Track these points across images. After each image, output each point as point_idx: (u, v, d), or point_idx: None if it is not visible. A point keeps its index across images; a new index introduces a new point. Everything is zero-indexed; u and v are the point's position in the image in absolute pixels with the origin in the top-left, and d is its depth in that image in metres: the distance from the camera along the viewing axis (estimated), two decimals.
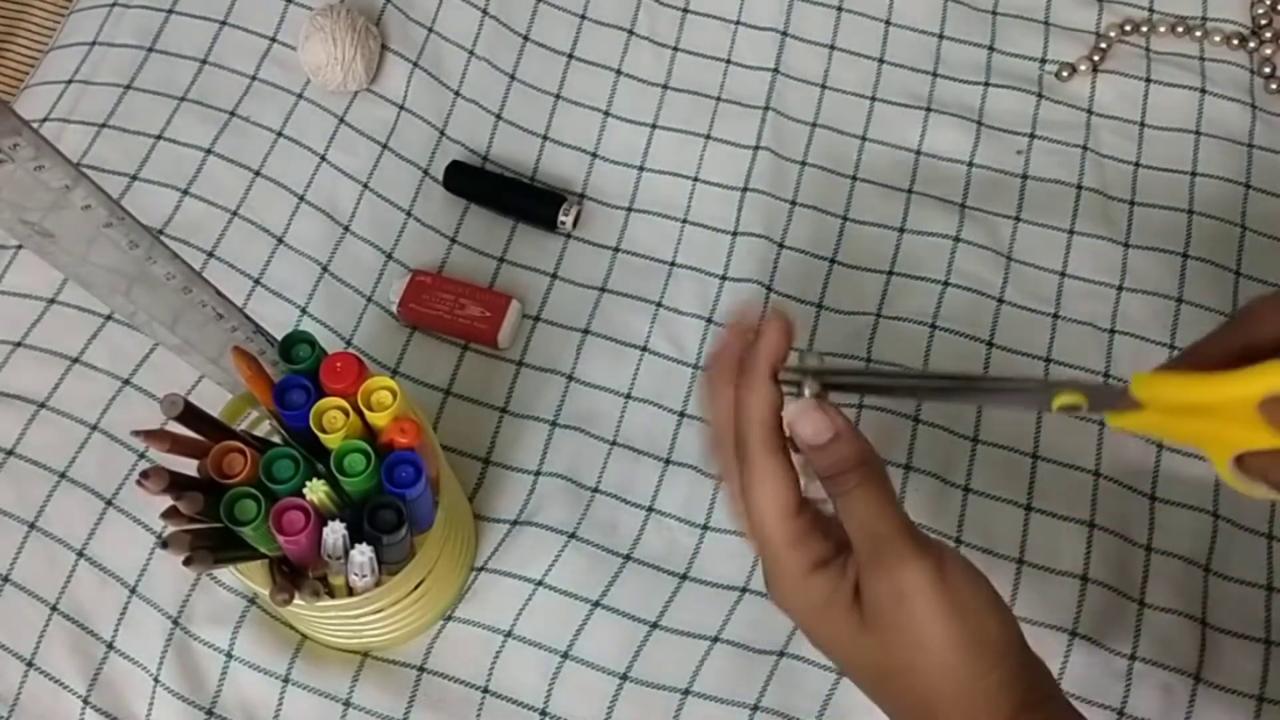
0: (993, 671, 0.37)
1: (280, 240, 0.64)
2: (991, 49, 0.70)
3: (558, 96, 0.69)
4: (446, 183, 0.66)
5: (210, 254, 0.63)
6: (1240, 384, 0.35)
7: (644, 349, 0.62)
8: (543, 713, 0.54)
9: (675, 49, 0.70)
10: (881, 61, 0.70)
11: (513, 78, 0.69)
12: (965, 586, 0.38)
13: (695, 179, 0.67)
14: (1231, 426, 0.36)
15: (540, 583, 0.56)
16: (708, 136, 0.68)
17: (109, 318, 0.61)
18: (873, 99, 0.69)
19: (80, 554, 0.56)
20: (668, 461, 0.60)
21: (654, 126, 0.68)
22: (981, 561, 0.41)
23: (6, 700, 0.54)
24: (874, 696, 0.41)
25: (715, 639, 0.55)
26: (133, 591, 0.55)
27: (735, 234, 0.65)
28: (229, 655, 0.54)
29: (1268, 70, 0.68)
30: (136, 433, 0.43)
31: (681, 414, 0.61)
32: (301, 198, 0.65)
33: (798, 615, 0.41)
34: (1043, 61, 0.70)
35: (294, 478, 0.44)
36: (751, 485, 0.40)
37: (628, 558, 0.57)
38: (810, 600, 0.40)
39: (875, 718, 0.53)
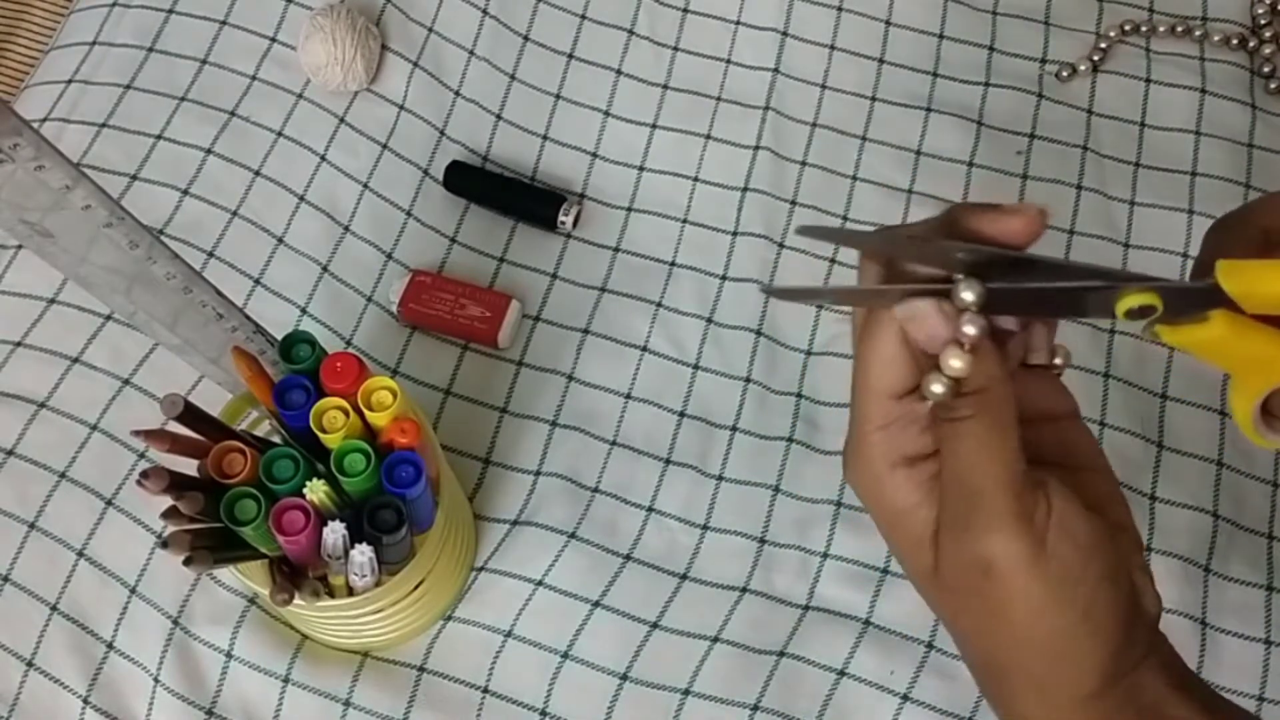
0: (1085, 646, 0.33)
1: (280, 240, 0.64)
2: (991, 49, 0.70)
3: (558, 96, 0.69)
4: (446, 183, 0.66)
5: (210, 254, 0.63)
6: None
7: (644, 349, 0.62)
8: (543, 713, 0.54)
9: (675, 49, 0.70)
10: (881, 61, 0.70)
11: (513, 78, 0.70)
12: (1074, 564, 0.32)
13: (695, 179, 0.67)
14: None
15: (540, 583, 0.56)
16: (708, 136, 0.68)
17: (109, 318, 0.61)
18: (873, 99, 0.69)
19: (80, 554, 0.56)
20: (668, 461, 0.60)
21: (654, 126, 0.68)
22: None
23: (6, 700, 0.54)
24: (943, 626, 0.36)
25: (715, 639, 0.55)
26: (133, 591, 0.55)
27: (735, 234, 0.65)
28: (229, 655, 0.54)
29: (1268, 70, 0.68)
30: (136, 433, 0.43)
31: (681, 414, 0.61)
32: (301, 198, 0.65)
33: (866, 505, 0.35)
34: (1043, 61, 0.70)
35: (294, 478, 0.44)
36: (862, 337, 0.34)
37: (628, 558, 0.57)
38: (882, 500, 0.34)
39: (876, 719, 0.53)
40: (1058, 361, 0.37)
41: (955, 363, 0.33)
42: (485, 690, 0.54)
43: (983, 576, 0.32)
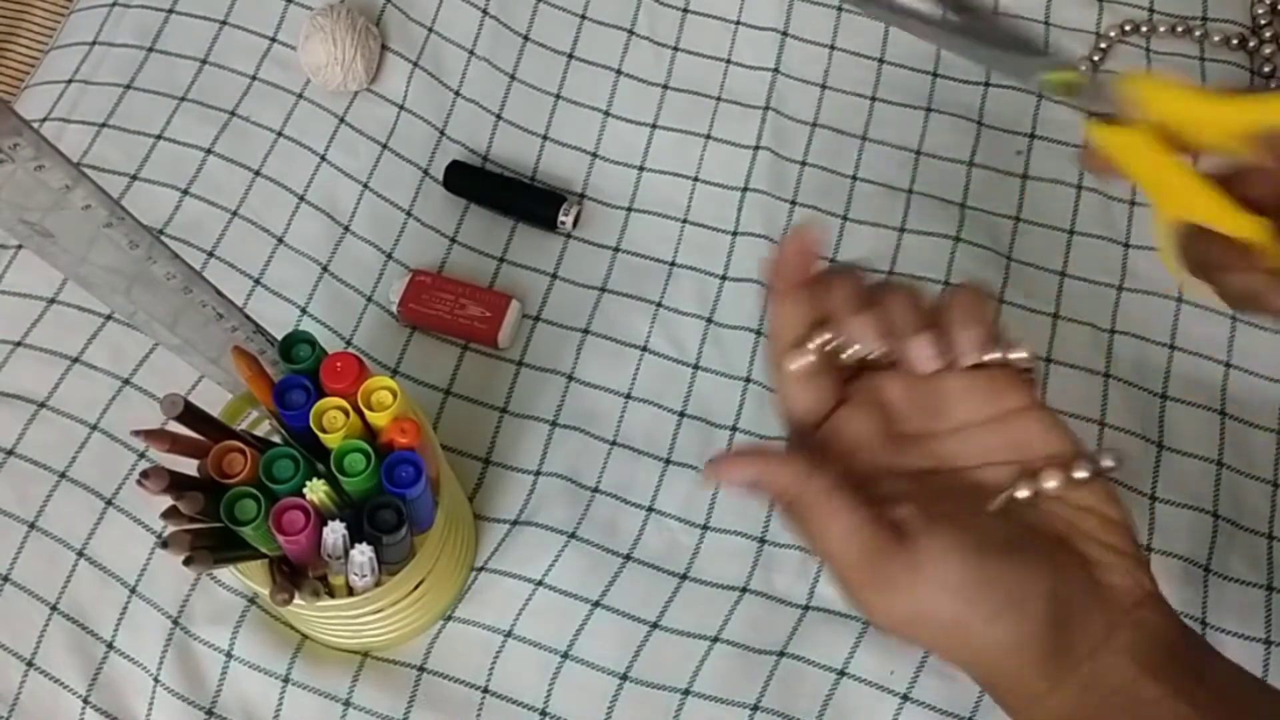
0: (1011, 667, 0.35)
1: (280, 240, 0.64)
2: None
3: (558, 96, 0.69)
4: (446, 183, 0.66)
5: (210, 254, 0.63)
6: (1247, 109, 0.35)
7: (644, 349, 0.62)
8: (543, 713, 0.54)
9: (675, 49, 0.70)
10: (881, 61, 0.70)
11: (513, 78, 0.70)
12: (952, 606, 0.35)
13: (695, 179, 0.67)
14: (1196, 186, 0.36)
15: (540, 583, 0.56)
16: (708, 136, 0.68)
17: (109, 318, 0.61)
18: (873, 99, 0.69)
19: (80, 554, 0.56)
20: (668, 461, 0.60)
21: (654, 126, 0.68)
22: None
23: (6, 700, 0.54)
24: None
25: (715, 639, 0.55)
26: (133, 591, 0.55)
27: (735, 234, 0.65)
28: (229, 655, 0.54)
29: (1268, 70, 0.68)
30: (136, 433, 0.43)
31: (681, 414, 0.61)
32: (301, 198, 0.65)
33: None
34: None
35: (294, 478, 0.44)
36: (780, 390, 0.38)
37: (628, 558, 0.57)
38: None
39: (876, 719, 0.53)
40: (1010, 357, 0.38)
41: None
42: (485, 690, 0.55)
43: (908, 626, 0.36)
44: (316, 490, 0.44)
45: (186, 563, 0.42)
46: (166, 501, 0.43)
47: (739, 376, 0.61)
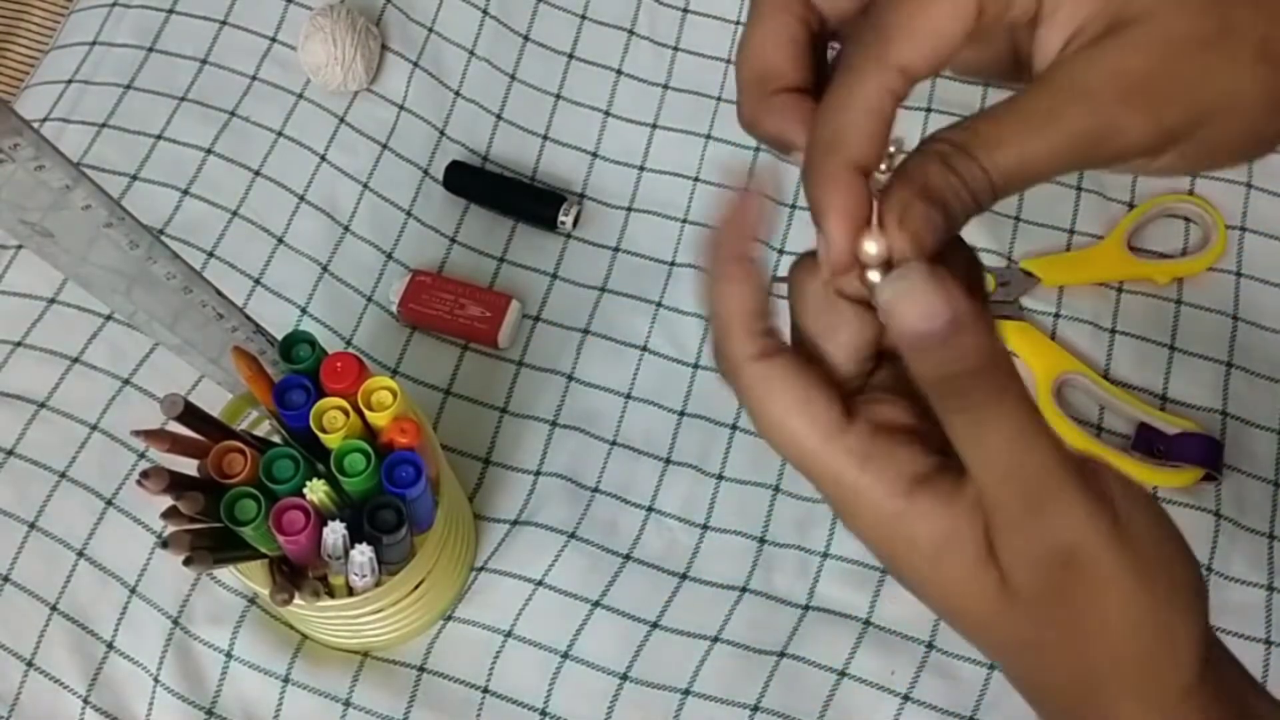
0: (1180, 629, 0.29)
1: (280, 240, 0.64)
2: None
3: (558, 96, 0.69)
4: (446, 183, 0.66)
5: (210, 254, 0.63)
6: None
7: (644, 349, 0.62)
8: (543, 713, 0.54)
9: (675, 49, 0.70)
10: None
11: (513, 78, 0.69)
12: (1148, 532, 0.28)
13: (695, 179, 0.67)
14: None
15: (540, 583, 0.56)
16: (708, 136, 0.68)
17: (109, 318, 0.61)
18: None
19: (80, 554, 0.56)
20: (668, 461, 0.60)
21: (654, 126, 0.68)
22: None
23: (6, 700, 0.54)
24: (1009, 668, 0.31)
25: (715, 639, 0.55)
26: (133, 591, 0.55)
27: None
28: (229, 655, 0.54)
29: None
30: (136, 433, 0.43)
31: (681, 414, 0.61)
32: (301, 198, 0.65)
33: (892, 561, 0.30)
34: None
35: (294, 478, 0.44)
36: (757, 408, 0.30)
37: (628, 558, 0.57)
38: (913, 545, 0.29)
39: (877, 719, 0.53)
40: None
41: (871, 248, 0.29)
42: (485, 690, 0.54)
43: (1064, 569, 0.28)
44: (316, 490, 0.44)
45: (186, 563, 0.42)
46: (166, 501, 0.43)
47: None
